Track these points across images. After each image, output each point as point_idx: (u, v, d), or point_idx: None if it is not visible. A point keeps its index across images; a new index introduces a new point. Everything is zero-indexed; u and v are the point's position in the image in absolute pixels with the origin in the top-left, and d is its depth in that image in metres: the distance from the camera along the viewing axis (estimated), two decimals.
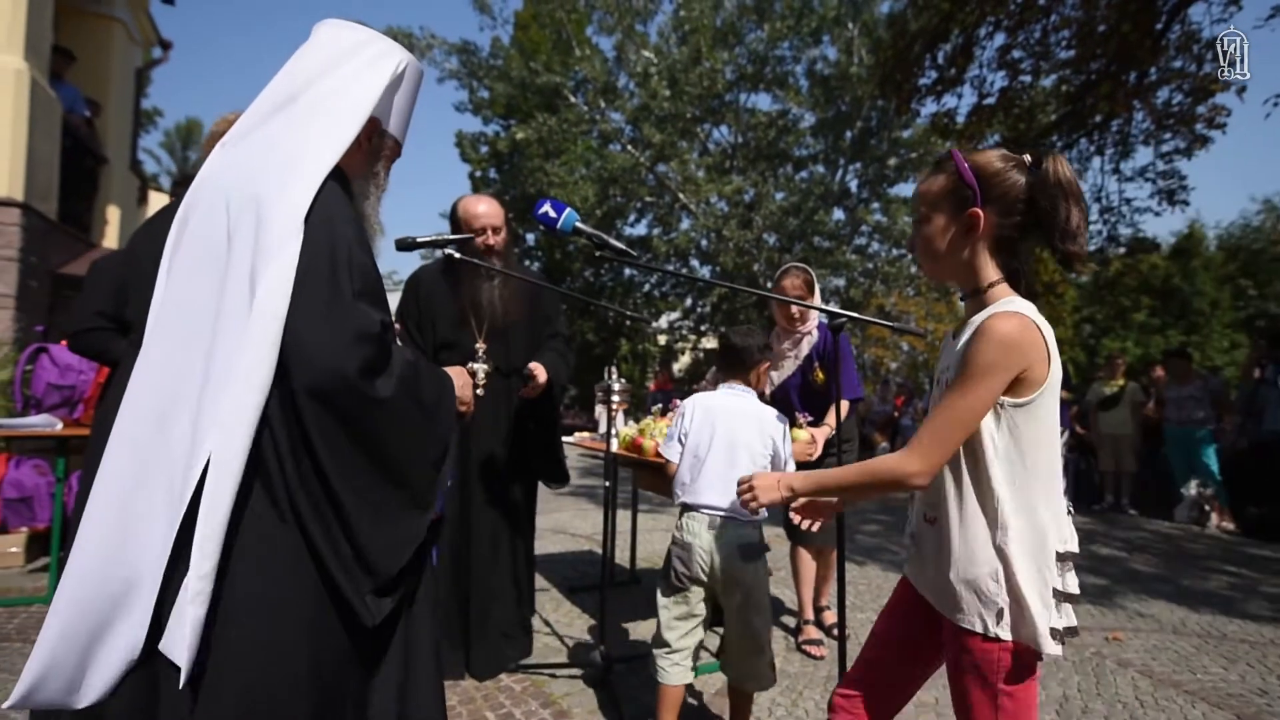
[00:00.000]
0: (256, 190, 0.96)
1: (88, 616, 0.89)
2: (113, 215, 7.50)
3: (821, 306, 1.68)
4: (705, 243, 18.17)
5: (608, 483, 2.69)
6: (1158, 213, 9.20)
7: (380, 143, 1.19)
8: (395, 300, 2.09)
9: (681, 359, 23.24)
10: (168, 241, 1.06)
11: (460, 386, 1.26)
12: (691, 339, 22.30)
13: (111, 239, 7.34)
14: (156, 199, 12.28)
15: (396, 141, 1.23)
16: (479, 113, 18.13)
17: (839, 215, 17.41)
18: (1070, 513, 1.10)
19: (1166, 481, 6.62)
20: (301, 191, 0.96)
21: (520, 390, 2.40)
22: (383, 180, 1.24)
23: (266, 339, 0.89)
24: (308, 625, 0.95)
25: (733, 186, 15.56)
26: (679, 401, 2.99)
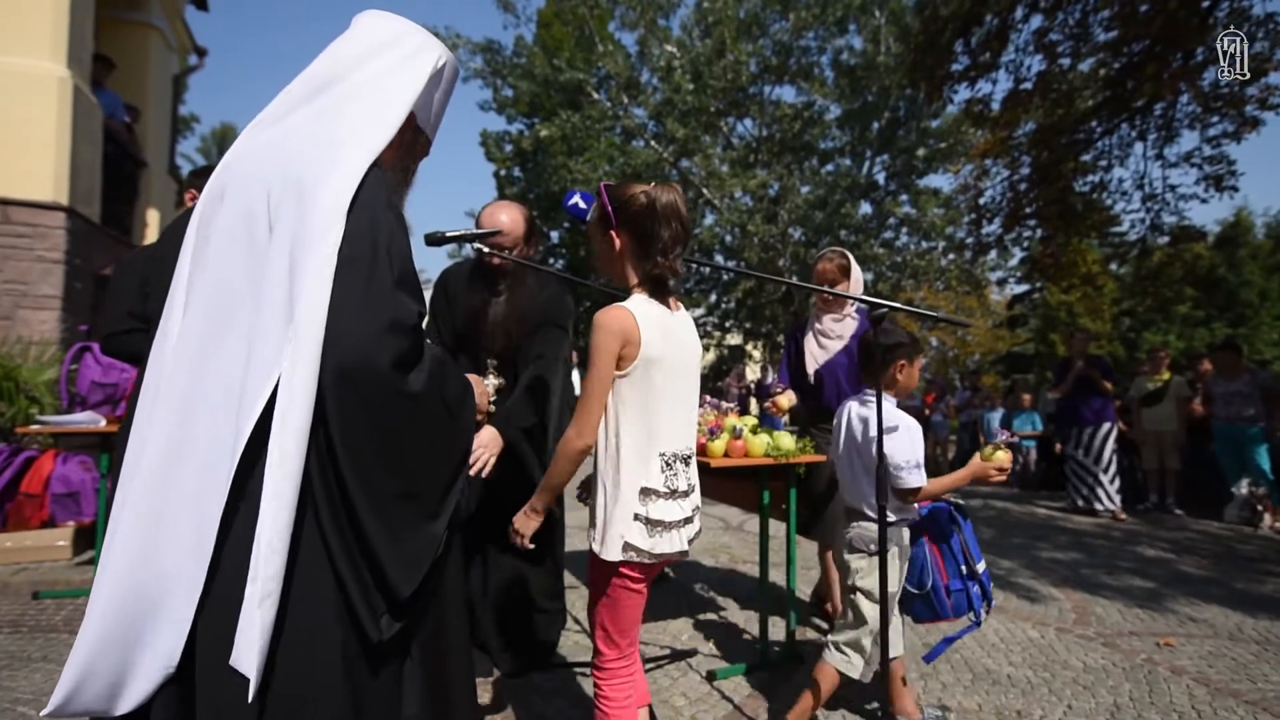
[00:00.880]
0: (299, 174, 0.94)
1: (124, 620, 0.87)
2: (152, 218, 7.72)
3: (862, 297, 1.64)
4: (729, 238, 18.03)
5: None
6: (1204, 199, 8.83)
7: (415, 138, 1.17)
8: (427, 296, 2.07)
9: (706, 356, 23.15)
10: (195, 221, 1.03)
11: (478, 394, 1.25)
12: (715, 335, 22.18)
13: (151, 240, 7.54)
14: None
15: (428, 139, 1.21)
16: (503, 111, 18.23)
17: (866, 208, 17.12)
18: (671, 461, 1.40)
19: (1214, 480, 6.35)
20: (345, 178, 0.94)
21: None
22: (412, 177, 1.22)
23: (311, 331, 0.86)
24: (336, 619, 0.93)
25: (757, 181, 15.40)
26: (707, 398, 2.96)
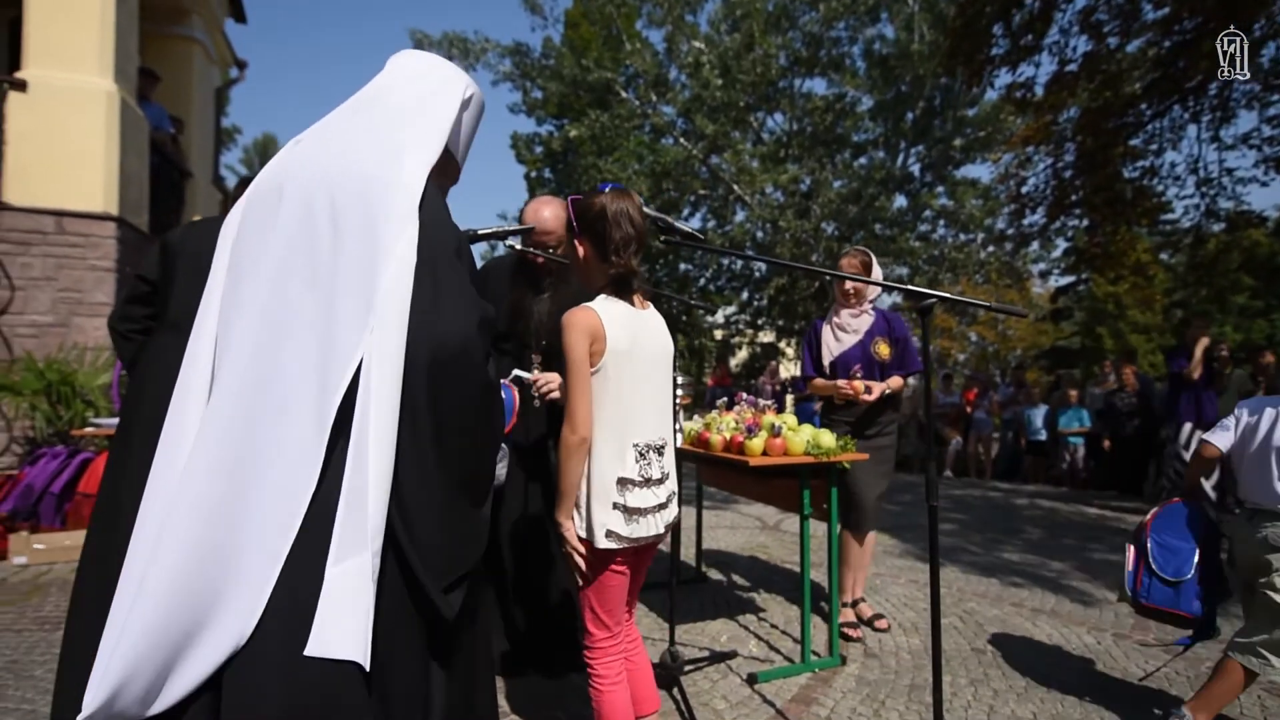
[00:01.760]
0: (364, 179, 0.98)
1: (183, 615, 0.84)
2: None
3: (908, 287, 1.59)
4: (761, 234, 17.83)
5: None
6: (1264, 183, 8.37)
7: (447, 160, 1.22)
8: None
9: (738, 354, 22.95)
10: (240, 218, 1.04)
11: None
12: (748, 334, 21.97)
13: None
14: None
15: (457, 164, 1.26)
16: (532, 113, 18.35)
17: (901, 201, 16.73)
18: (644, 451, 1.49)
19: None
20: (412, 184, 0.99)
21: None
22: (444, 197, 1.27)
23: (395, 321, 0.90)
24: (408, 597, 0.95)
25: (788, 175, 15.18)
26: (743, 395, 2.92)
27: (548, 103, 17.77)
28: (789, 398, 10.52)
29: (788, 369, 23.48)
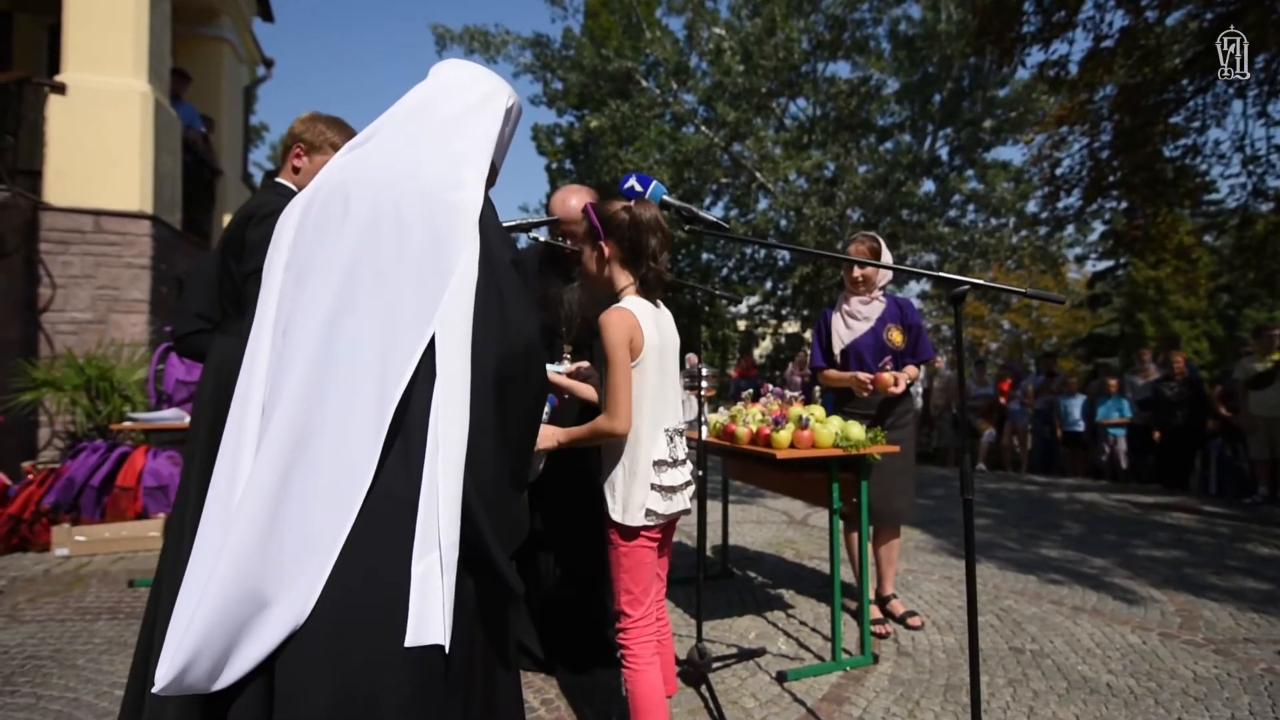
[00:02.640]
0: (428, 183, 1.03)
1: (244, 601, 0.87)
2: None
3: (937, 274, 1.53)
4: (785, 222, 17.60)
5: (699, 471, 2.58)
6: None
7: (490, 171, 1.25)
8: None
9: (762, 344, 22.74)
10: (304, 228, 1.03)
11: None
12: (772, 324, 21.75)
13: None
14: None
15: (496, 170, 1.27)
16: (553, 104, 18.32)
17: (929, 186, 16.35)
18: (672, 435, 1.64)
19: None
20: (474, 195, 1.05)
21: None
22: None
23: (460, 328, 0.95)
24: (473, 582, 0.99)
25: (812, 162, 14.93)
26: (769, 386, 2.86)
27: (568, 93, 17.72)
28: (818, 388, 10.38)
29: None
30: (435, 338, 0.93)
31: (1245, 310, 17.63)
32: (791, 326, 22.03)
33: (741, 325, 21.78)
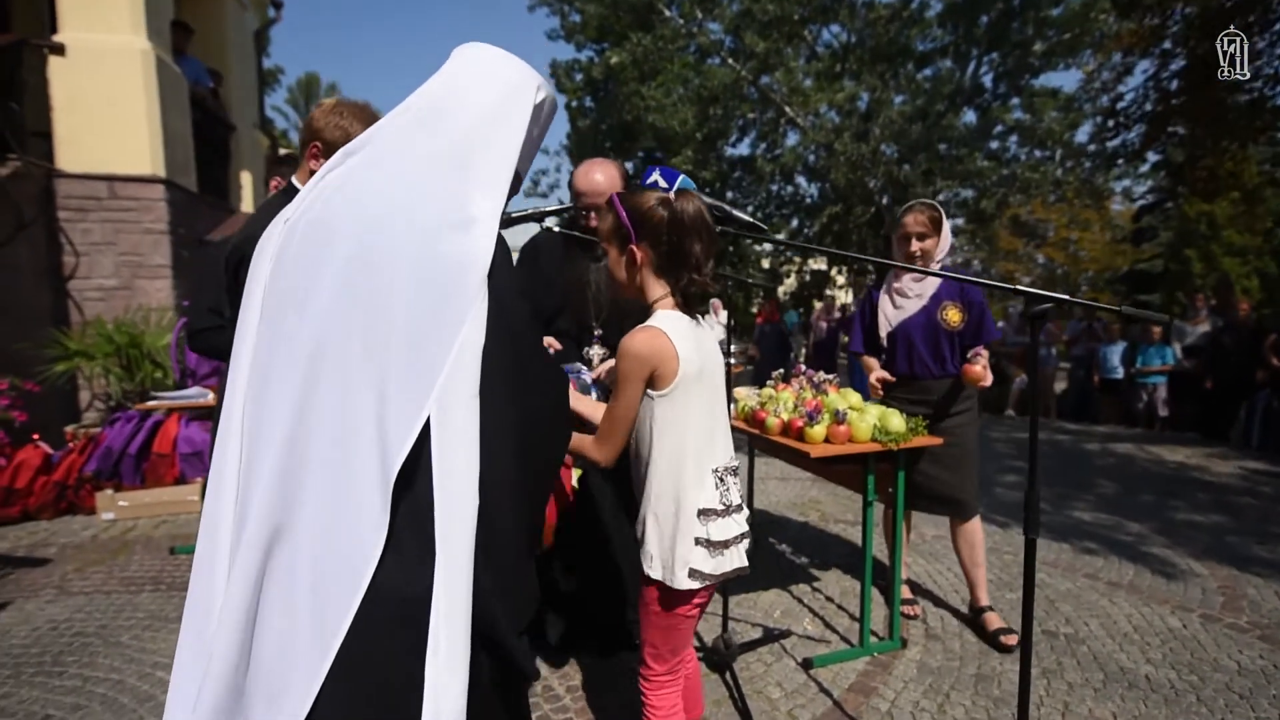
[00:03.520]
0: (429, 226, 0.86)
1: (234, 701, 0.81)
2: (245, 180, 8.02)
3: (1015, 287, 1.37)
4: (814, 158, 16.86)
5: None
6: None
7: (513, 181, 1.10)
8: None
9: (786, 281, 22.25)
10: (284, 258, 0.91)
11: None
12: (797, 261, 21.23)
13: (248, 202, 7.89)
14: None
15: (520, 176, 1.10)
16: (571, 39, 17.45)
17: (970, 117, 15.39)
18: (723, 476, 1.37)
19: None
20: (484, 242, 0.88)
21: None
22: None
23: (467, 391, 0.82)
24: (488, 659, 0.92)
25: (845, 94, 14.10)
26: (802, 367, 2.72)
27: (586, 26, 16.85)
28: (848, 356, 10.18)
29: (843, 295, 22.74)
30: (431, 421, 0.79)
31: None
32: (817, 264, 21.48)
33: (765, 264, 21.28)
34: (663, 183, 1.54)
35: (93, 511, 4.10)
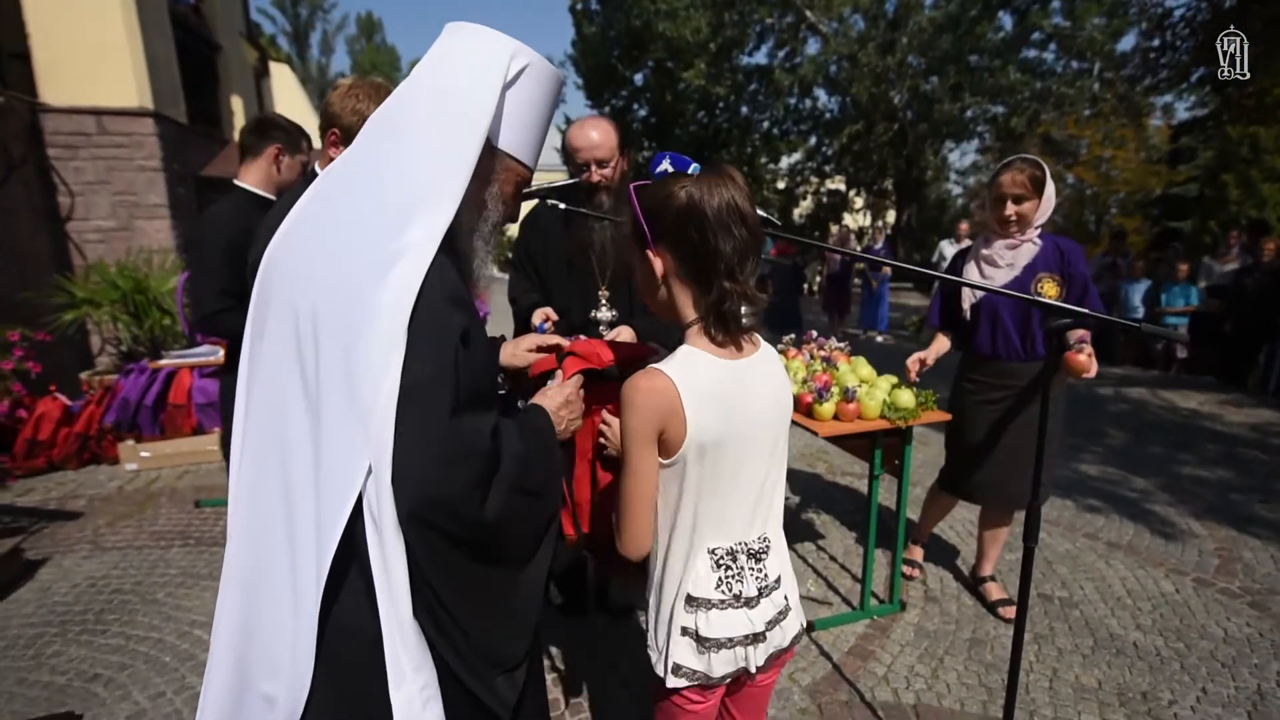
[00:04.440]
0: (351, 284, 0.85)
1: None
2: (236, 105, 7.68)
3: (1059, 304, 1.29)
4: (835, 69, 15.90)
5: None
6: None
7: (492, 163, 0.98)
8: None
9: (802, 204, 21.57)
10: (251, 315, 0.98)
11: (567, 419, 1.18)
12: (814, 181, 20.50)
13: (237, 131, 7.59)
14: (277, 70, 12.43)
15: (517, 160, 1.01)
16: None
17: (1005, 23, 14.32)
18: (734, 557, 1.07)
19: None
20: (406, 290, 0.83)
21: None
22: (503, 205, 1.04)
23: (384, 472, 0.82)
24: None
25: None
26: (813, 334, 2.67)
27: None
28: (871, 272, 9.97)
29: (856, 221, 22.05)
30: (367, 483, 0.82)
31: None
32: (835, 184, 20.74)
33: (781, 185, 20.57)
34: (671, 169, 1.43)
35: (116, 461, 4.22)
